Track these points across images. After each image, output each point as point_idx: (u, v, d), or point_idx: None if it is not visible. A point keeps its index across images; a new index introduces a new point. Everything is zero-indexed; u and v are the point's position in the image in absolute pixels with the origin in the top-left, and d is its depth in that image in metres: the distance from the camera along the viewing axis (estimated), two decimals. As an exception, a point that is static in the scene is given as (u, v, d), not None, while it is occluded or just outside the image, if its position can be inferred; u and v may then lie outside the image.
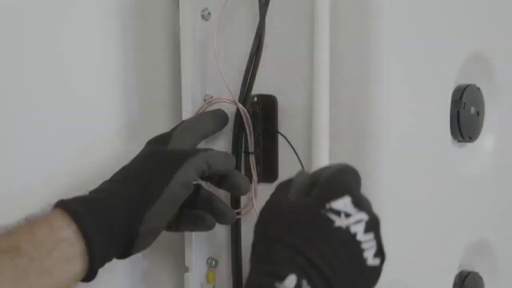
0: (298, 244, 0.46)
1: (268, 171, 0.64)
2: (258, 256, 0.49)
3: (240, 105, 0.62)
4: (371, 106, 0.59)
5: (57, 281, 0.50)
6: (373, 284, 0.49)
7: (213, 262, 0.69)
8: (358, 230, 0.47)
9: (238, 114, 0.63)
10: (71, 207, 0.52)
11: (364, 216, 0.48)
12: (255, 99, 0.64)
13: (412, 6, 0.62)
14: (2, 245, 0.48)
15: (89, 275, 0.52)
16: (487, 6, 0.74)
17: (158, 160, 0.58)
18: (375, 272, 0.48)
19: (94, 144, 0.66)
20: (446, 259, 0.71)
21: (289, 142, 0.63)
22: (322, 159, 0.59)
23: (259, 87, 0.63)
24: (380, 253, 0.48)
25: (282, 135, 0.63)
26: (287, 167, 0.63)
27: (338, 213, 0.47)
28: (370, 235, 0.47)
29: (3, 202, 0.59)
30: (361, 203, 0.48)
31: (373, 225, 0.48)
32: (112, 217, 0.53)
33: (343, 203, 0.47)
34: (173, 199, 0.56)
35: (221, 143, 0.66)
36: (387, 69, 0.59)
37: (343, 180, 0.50)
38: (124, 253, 0.56)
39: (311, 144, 0.59)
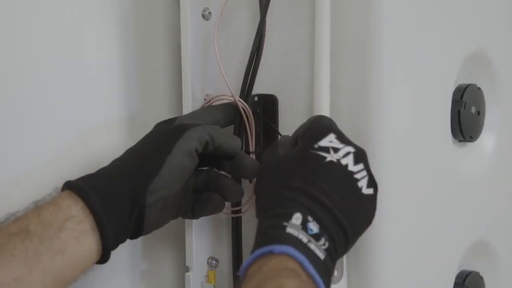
0: (298, 185, 0.49)
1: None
2: (263, 205, 0.51)
3: (241, 104, 0.62)
4: (372, 106, 0.59)
5: (71, 261, 0.50)
6: (372, 213, 0.52)
7: (214, 261, 0.69)
8: (348, 161, 0.50)
9: (239, 113, 0.63)
10: (76, 185, 0.52)
11: (351, 149, 0.51)
12: (256, 98, 0.64)
13: (412, 6, 0.62)
14: (11, 229, 0.49)
15: (103, 255, 0.52)
16: (487, 6, 0.74)
17: (160, 135, 0.58)
18: (371, 201, 0.51)
19: (94, 145, 0.66)
20: (446, 259, 0.71)
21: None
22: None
23: (260, 87, 0.63)
24: (372, 183, 0.51)
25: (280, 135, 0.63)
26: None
27: (326, 149, 0.51)
28: (360, 166, 0.51)
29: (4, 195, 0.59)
30: (345, 138, 0.52)
31: (361, 156, 0.52)
32: (117, 190, 0.53)
33: (329, 140, 0.51)
34: (176, 169, 0.55)
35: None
36: (388, 69, 0.59)
37: (322, 123, 0.54)
38: (136, 232, 0.55)
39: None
